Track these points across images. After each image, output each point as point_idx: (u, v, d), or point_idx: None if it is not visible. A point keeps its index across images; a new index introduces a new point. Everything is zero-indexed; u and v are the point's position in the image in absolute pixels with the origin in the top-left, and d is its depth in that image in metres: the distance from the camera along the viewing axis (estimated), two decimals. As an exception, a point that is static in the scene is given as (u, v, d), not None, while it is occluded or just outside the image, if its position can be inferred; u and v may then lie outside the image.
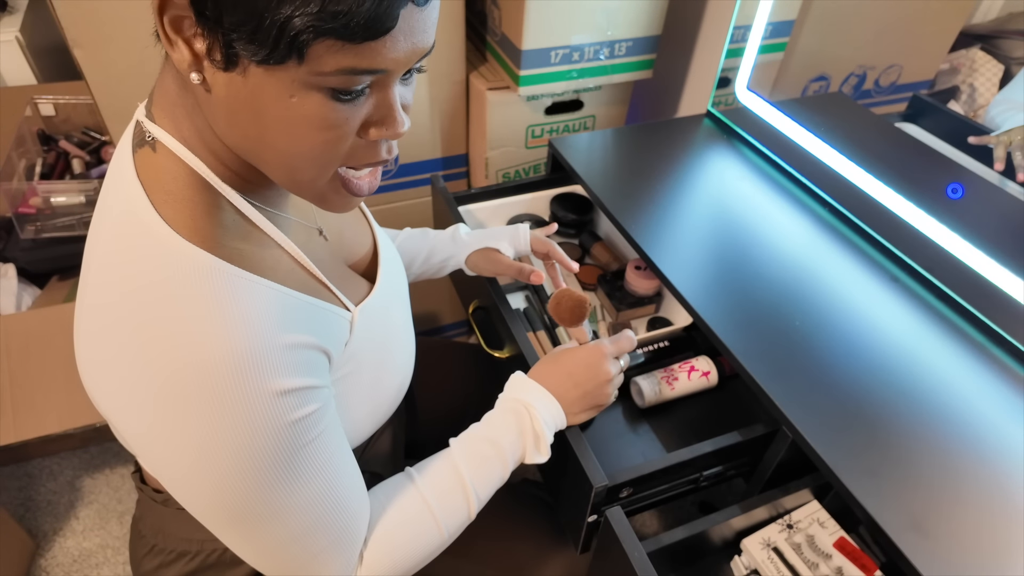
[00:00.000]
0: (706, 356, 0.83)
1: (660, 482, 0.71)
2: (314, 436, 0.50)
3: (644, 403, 0.79)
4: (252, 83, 0.41)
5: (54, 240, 1.51)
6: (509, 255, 0.86)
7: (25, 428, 1.25)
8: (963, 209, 0.82)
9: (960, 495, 0.61)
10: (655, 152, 1.07)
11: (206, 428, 0.45)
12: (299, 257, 0.54)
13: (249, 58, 0.40)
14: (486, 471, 0.63)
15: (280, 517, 0.50)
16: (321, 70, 0.40)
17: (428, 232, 0.89)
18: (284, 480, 0.49)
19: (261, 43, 0.39)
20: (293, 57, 0.40)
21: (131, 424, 0.47)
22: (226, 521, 0.50)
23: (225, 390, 0.44)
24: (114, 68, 0.96)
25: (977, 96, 0.91)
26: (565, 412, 0.67)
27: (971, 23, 0.91)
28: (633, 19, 1.12)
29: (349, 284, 0.61)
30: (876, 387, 0.70)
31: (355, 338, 0.57)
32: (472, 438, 0.64)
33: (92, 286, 0.48)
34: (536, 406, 0.65)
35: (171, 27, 0.41)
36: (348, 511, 0.54)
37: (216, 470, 0.46)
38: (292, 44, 0.39)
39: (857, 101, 1.05)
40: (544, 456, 0.65)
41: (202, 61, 0.42)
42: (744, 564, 0.66)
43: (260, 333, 0.45)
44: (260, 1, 0.38)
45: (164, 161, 0.48)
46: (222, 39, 0.40)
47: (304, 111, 0.43)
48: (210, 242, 0.46)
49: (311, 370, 0.49)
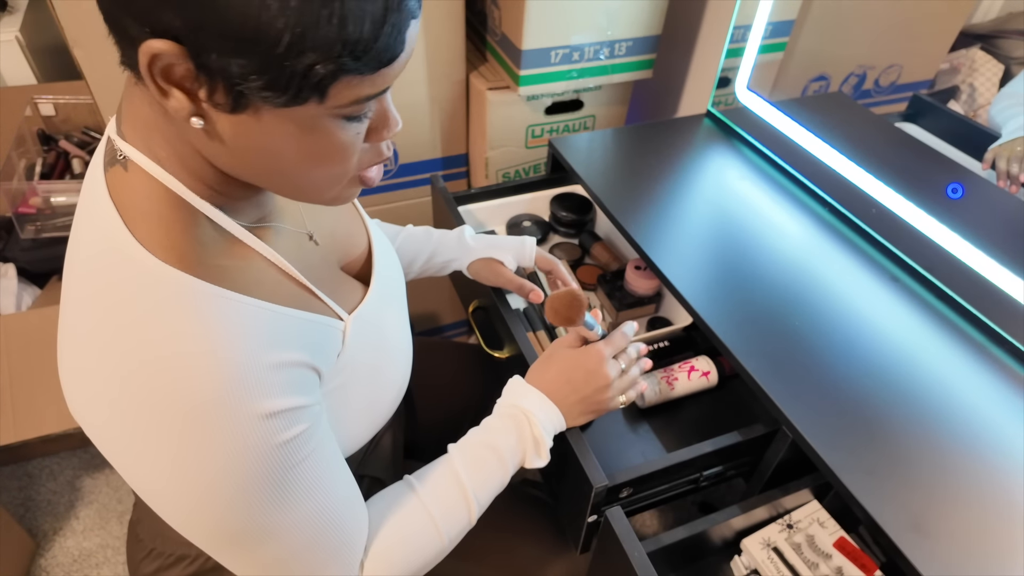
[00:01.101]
0: (706, 356, 0.83)
1: (660, 482, 0.71)
2: (305, 455, 0.49)
3: (644, 403, 0.79)
4: (266, 123, 0.41)
5: (54, 240, 1.51)
6: (512, 268, 0.86)
7: (25, 428, 1.25)
8: (963, 209, 0.82)
9: (960, 495, 0.61)
10: (655, 152, 1.07)
11: (194, 456, 0.44)
12: (286, 268, 0.52)
13: (264, 103, 0.40)
14: (486, 476, 0.62)
15: (275, 537, 0.49)
16: (340, 103, 0.41)
17: (432, 232, 0.89)
18: (277, 501, 0.48)
19: (281, 90, 0.39)
20: (314, 98, 0.40)
21: (122, 457, 0.46)
22: (223, 543, 0.50)
23: (211, 416, 0.43)
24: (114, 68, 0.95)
25: (977, 96, 0.91)
26: (564, 416, 0.67)
27: (971, 23, 0.91)
28: (633, 19, 1.12)
29: (342, 290, 0.60)
30: (876, 387, 0.70)
31: (348, 347, 0.56)
32: (472, 444, 0.64)
33: (70, 315, 0.47)
34: (535, 412, 0.65)
35: (162, 77, 0.38)
36: (344, 525, 0.54)
37: (208, 496, 0.45)
38: (316, 87, 0.39)
39: (857, 101, 1.05)
40: (544, 460, 0.64)
41: (202, 105, 0.40)
42: (744, 564, 0.66)
43: (244, 355, 0.44)
44: (277, 53, 0.37)
45: (136, 181, 0.45)
46: (228, 85, 0.39)
47: (323, 140, 0.43)
48: (187, 261, 0.44)
49: (299, 389, 0.48)
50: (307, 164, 0.45)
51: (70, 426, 1.25)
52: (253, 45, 0.37)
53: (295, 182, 0.47)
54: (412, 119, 1.22)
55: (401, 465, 0.79)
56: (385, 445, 0.75)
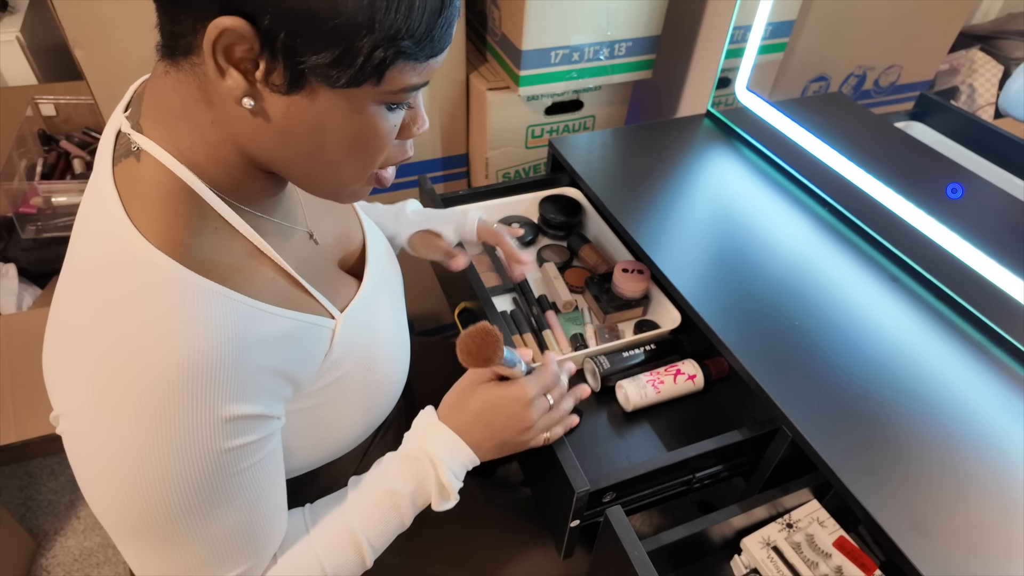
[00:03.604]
0: (692, 360, 0.82)
1: (645, 486, 0.70)
2: (245, 467, 0.48)
3: (629, 406, 0.78)
4: (320, 104, 0.43)
5: (55, 240, 1.52)
6: (452, 240, 0.82)
7: (26, 427, 1.25)
8: (963, 209, 0.82)
9: (960, 494, 0.61)
10: (655, 152, 1.07)
11: (138, 429, 0.43)
12: (283, 266, 0.52)
13: (325, 83, 0.42)
14: (381, 522, 0.60)
15: (188, 543, 0.48)
16: (392, 88, 0.44)
17: (377, 207, 0.85)
18: (203, 507, 0.47)
19: (344, 69, 0.41)
20: (372, 79, 0.42)
21: (69, 415, 0.46)
22: (129, 533, 0.49)
23: (171, 399, 0.43)
24: (114, 68, 0.96)
25: (977, 97, 0.91)
26: (478, 455, 0.63)
27: (971, 23, 0.91)
28: (633, 19, 1.12)
29: (336, 287, 0.60)
30: (876, 386, 0.70)
31: (338, 346, 0.56)
32: (369, 486, 0.61)
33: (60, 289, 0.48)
34: (443, 457, 0.61)
35: (223, 55, 0.40)
36: (257, 547, 0.53)
37: (134, 475, 0.45)
38: (376, 69, 0.42)
39: (857, 101, 1.05)
40: (452, 502, 0.62)
41: (256, 86, 0.42)
42: (744, 563, 0.66)
43: (220, 351, 0.44)
44: (347, 31, 0.40)
45: (147, 170, 0.46)
46: (291, 65, 0.41)
47: (368, 125, 0.46)
48: (183, 252, 0.45)
49: (266, 398, 0.48)
50: (346, 149, 0.47)
51: (71, 426, 1.26)
52: (326, 24, 0.39)
53: (325, 170, 0.48)
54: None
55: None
56: (385, 445, 0.75)
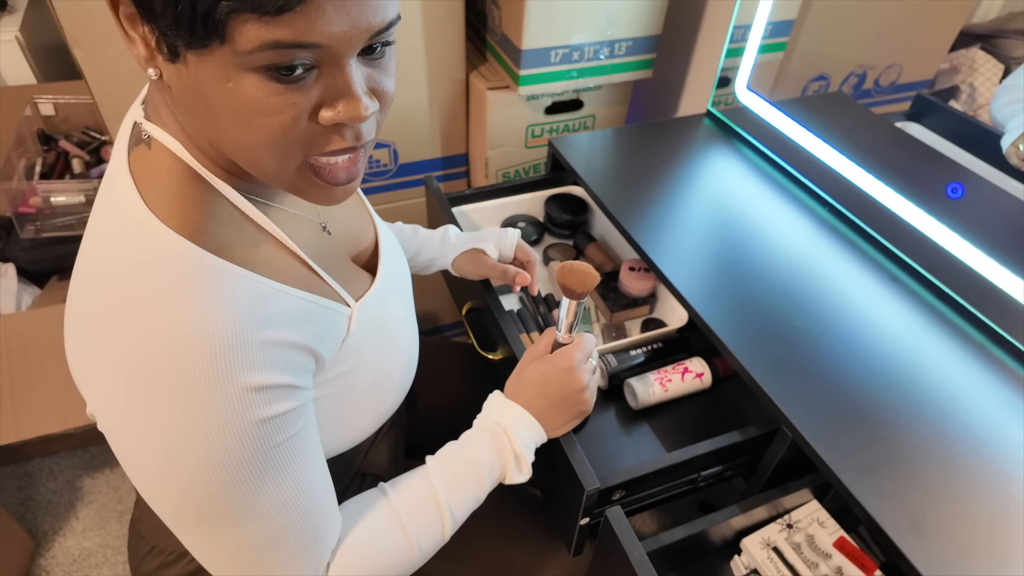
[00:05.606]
0: (700, 358, 0.82)
1: (653, 484, 0.70)
2: (287, 437, 0.48)
3: (637, 404, 0.79)
4: (192, 72, 0.41)
5: (54, 240, 1.51)
6: (494, 257, 0.86)
7: (25, 428, 1.25)
8: (963, 209, 0.82)
9: (960, 495, 0.61)
10: (655, 152, 1.07)
11: (176, 415, 0.44)
12: (298, 252, 0.53)
13: (180, 45, 0.40)
14: (462, 489, 0.61)
15: (245, 520, 0.48)
16: (244, 48, 0.38)
17: (419, 230, 0.89)
18: (251, 480, 0.47)
19: (183, 27, 0.38)
20: (215, 38, 0.38)
21: (107, 412, 0.47)
22: (191, 520, 0.49)
23: (196, 377, 0.43)
24: (114, 68, 0.96)
25: (977, 96, 0.91)
26: (545, 428, 0.65)
27: (971, 23, 0.91)
28: (633, 19, 1.12)
29: (350, 278, 0.60)
30: (876, 387, 0.70)
31: (354, 333, 0.56)
32: (449, 456, 0.63)
33: (77, 277, 0.49)
34: (514, 427, 0.63)
35: (127, 24, 0.41)
36: (318, 520, 0.53)
37: (184, 462, 0.45)
38: (207, 23, 0.37)
39: (857, 101, 1.05)
40: (526, 476, 0.63)
41: (155, 55, 0.42)
42: (744, 564, 0.66)
43: (236, 324, 0.44)
44: None
45: (159, 157, 0.48)
46: (161, 30, 0.40)
47: (243, 96, 0.41)
48: (198, 233, 0.46)
49: (290, 369, 0.48)
50: (239, 127, 0.42)
51: (70, 426, 1.26)
52: None
53: (241, 153, 0.45)
54: (412, 119, 1.22)
55: (402, 465, 0.79)
56: (386, 444, 0.75)
